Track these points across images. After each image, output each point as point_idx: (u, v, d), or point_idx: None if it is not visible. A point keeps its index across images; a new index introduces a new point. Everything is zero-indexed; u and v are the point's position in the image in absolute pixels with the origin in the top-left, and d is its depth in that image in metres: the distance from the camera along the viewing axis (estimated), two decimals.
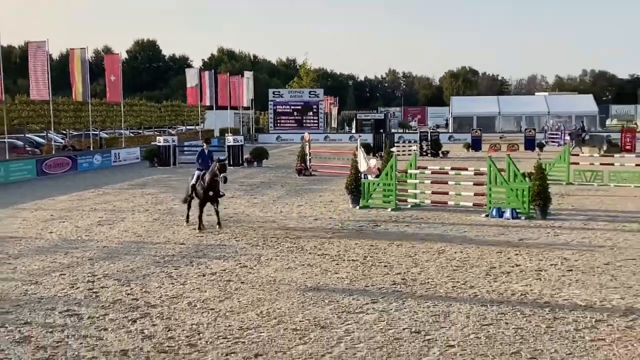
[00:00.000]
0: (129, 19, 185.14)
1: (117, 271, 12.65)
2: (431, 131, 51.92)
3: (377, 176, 21.35)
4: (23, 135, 43.80)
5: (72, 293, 11.13)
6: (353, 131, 70.15)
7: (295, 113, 75.01)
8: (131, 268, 12.90)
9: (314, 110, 75.19)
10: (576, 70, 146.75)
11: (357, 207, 20.56)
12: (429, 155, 45.29)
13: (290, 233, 16.54)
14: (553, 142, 55.64)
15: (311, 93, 77.79)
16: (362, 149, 22.97)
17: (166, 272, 12.51)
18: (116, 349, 8.41)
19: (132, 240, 15.90)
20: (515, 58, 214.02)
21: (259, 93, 77.93)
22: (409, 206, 20.70)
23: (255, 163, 38.57)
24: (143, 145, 45.47)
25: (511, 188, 18.75)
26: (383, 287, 11.27)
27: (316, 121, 74.62)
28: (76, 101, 43.46)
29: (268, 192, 25.52)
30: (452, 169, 22.06)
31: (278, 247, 14.77)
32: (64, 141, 46.90)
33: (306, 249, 14.49)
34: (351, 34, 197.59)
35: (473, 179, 20.47)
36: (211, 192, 16.54)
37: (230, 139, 39.72)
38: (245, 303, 10.40)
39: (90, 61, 44.49)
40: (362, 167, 21.47)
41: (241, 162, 38.27)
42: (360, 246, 14.88)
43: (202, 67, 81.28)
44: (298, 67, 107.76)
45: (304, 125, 71.47)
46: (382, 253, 14.12)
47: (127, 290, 11.27)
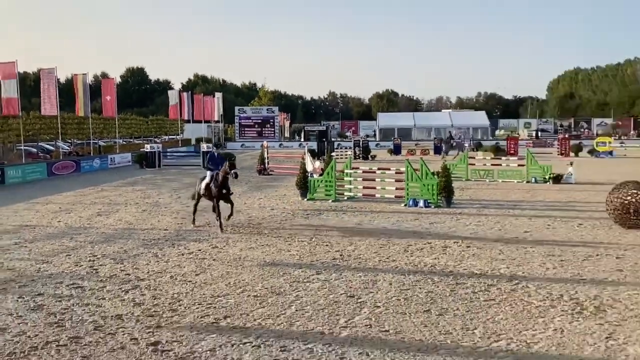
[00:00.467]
0: (123, 50, 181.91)
1: (113, 252, 12.45)
2: (362, 140, 52.22)
3: (321, 175, 21.43)
4: (36, 143, 43.23)
5: (76, 270, 10.92)
6: (302, 140, 70.23)
7: (256, 125, 74.95)
8: (124, 249, 12.71)
9: (271, 123, 75.21)
10: (473, 92, 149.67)
11: (305, 200, 20.55)
12: (361, 158, 45.59)
13: (252, 220, 16.47)
14: (457, 149, 56.37)
15: (268, 110, 77.88)
16: (309, 154, 23.06)
17: (152, 253, 12.34)
18: (112, 314, 8.29)
19: (125, 227, 15.64)
20: (426, 82, 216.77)
21: (227, 110, 77.55)
22: (346, 198, 20.77)
23: None
24: (134, 151, 44.80)
25: (424, 183, 18.97)
26: (325, 262, 11.29)
27: (272, 132, 74.57)
28: (79, 116, 43.12)
29: (234, 188, 25.25)
30: (379, 169, 22.25)
31: (243, 232, 14.70)
32: (70, 148, 46.07)
33: (265, 233, 14.45)
34: (300, 63, 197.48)
35: (394, 177, 20.67)
36: (224, 190, 14.99)
37: (204, 146, 39.69)
38: (216, 276, 10.33)
39: (90, 84, 43.68)
40: (309, 168, 21.54)
41: None
42: (307, 230, 14.89)
43: (181, 89, 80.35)
44: (258, 90, 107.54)
45: (263, 135, 71.38)
46: (325, 235, 14.15)
47: (121, 267, 11.10)
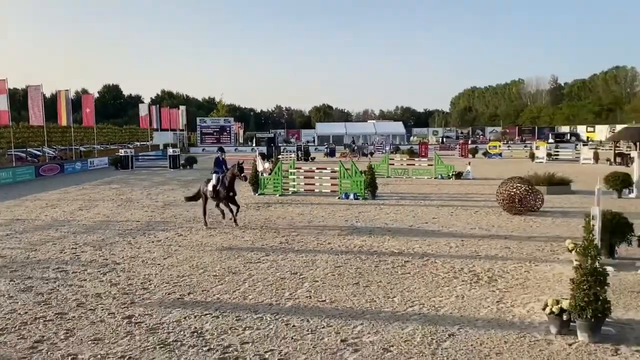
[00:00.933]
0: (100, 69, 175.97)
1: (92, 241, 12.04)
2: (304, 145, 52.29)
3: (269, 174, 21.31)
4: (25, 149, 41.36)
5: (61, 256, 10.51)
6: (254, 145, 69.75)
7: (215, 133, 73.73)
8: (102, 238, 12.31)
9: (227, 131, 74.17)
10: (392, 106, 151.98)
11: (257, 194, 20.38)
12: (303, 160, 45.57)
13: (211, 213, 16.17)
14: (379, 152, 57.03)
15: (225, 120, 76.76)
16: (260, 157, 22.90)
17: (127, 241, 12.01)
18: (92, 293, 8.03)
19: (103, 220, 15.15)
20: (355, 97, 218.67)
21: (190, 120, 76.23)
22: (290, 192, 20.71)
23: (188, 166, 37.63)
24: (110, 155, 43.41)
25: (354, 180, 19.11)
26: (273, 246, 11.24)
27: (229, 138, 73.57)
28: (62, 126, 41.73)
29: (197, 185, 24.64)
30: (317, 169, 22.34)
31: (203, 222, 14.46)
32: (55, 153, 44.25)
33: (223, 223, 14.25)
34: (252, 80, 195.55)
35: (330, 175, 20.79)
36: (231, 193, 13.43)
37: (171, 150, 38.94)
38: (181, 259, 10.13)
39: (72, 99, 42.11)
40: (260, 168, 21.41)
41: (178, 166, 37.31)
42: (258, 219, 14.77)
43: (151, 103, 78.26)
44: (216, 103, 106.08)
45: (221, 141, 70.20)
46: (273, 223, 14.08)
47: (100, 253, 10.76)
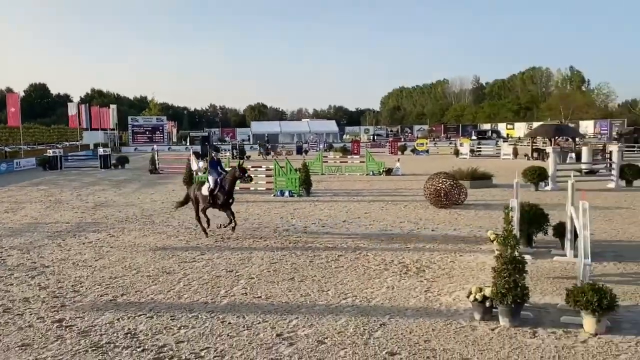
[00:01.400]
0: (26, 67, 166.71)
1: (20, 244, 11.41)
2: (239, 143, 51.77)
3: (204, 173, 20.91)
4: None
5: None
6: (188, 144, 68.35)
7: (147, 132, 71.91)
8: (30, 241, 11.68)
9: (160, 130, 72.47)
10: (325, 105, 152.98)
11: None
12: (238, 158, 45.07)
13: (145, 212, 15.77)
14: (313, 149, 57.32)
15: (158, 119, 75.01)
16: (194, 155, 22.32)
17: (56, 243, 11.45)
18: (20, 297, 7.61)
19: (30, 222, 14.38)
20: (290, 97, 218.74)
21: (122, 119, 73.55)
22: None
23: (119, 166, 36.35)
24: (38, 156, 41.22)
25: (289, 178, 19.13)
26: (208, 244, 11.05)
27: (162, 137, 71.75)
28: None
29: (129, 185, 24.14)
30: (252, 167, 22.11)
31: (136, 222, 14.01)
32: None
33: (156, 222, 13.89)
34: (185, 78, 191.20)
35: (265, 172, 20.66)
36: (231, 199, 11.76)
37: (101, 150, 37.43)
38: (114, 260, 9.78)
39: None
40: (194, 167, 20.83)
41: (109, 166, 35.98)
42: (193, 219, 14.41)
43: (80, 102, 75.00)
44: (148, 102, 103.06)
45: (154, 140, 68.37)
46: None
47: (27, 256, 10.21)
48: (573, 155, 30.69)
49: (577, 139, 39.91)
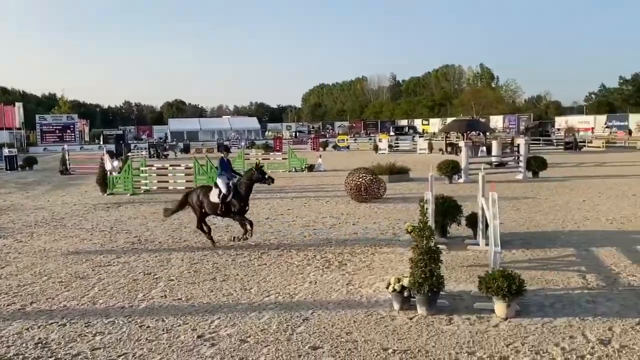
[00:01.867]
0: None
1: None
2: (156, 142, 50.21)
3: (119, 172, 20.11)
4: None
5: None
6: (101, 143, 65.41)
7: (57, 131, 67.88)
8: None
9: (71, 129, 68.64)
10: (246, 101, 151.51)
11: (106, 194, 19.16)
12: (155, 157, 43.72)
13: (55, 215, 14.91)
14: (234, 147, 56.67)
15: (68, 117, 71.02)
16: (108, 155, 21.44)
17: None
18: None
19: None
20: (210, 93, 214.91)
21: (29, 117, 69.15)
22: (142, 191, 19.79)
23: (27, 167, 34.17)
24: None
25: (209, 176, 18.79)
26: (125, 247, 10.63)
27: (73, 137, 68.04)
28: None
29: (38, 188, 22.75)
30: (171, 166, 21.59)
31: (46, 226, 13.22)
32: None
33: (68, 226, 13.17)
34: (97, 74, 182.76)
35: (184, 171, 20.19)
36: (247, 207, 10.38)
37: (6, 151, 34.98)
38: (22, 267, 9.18)
39: None
40: (108, 167, 20.04)
41: (16, 167, 33.73)
42: (108, 220, 13.88)
43: None
44: (58, 99, 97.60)
45: (64, 139, 64.63)
46: (124, 224, 13.32)
47: None
48: (484, 149, 32.24)
49: (488, 134, 41.99)
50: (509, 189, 17.82)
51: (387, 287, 6.68)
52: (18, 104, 63.50)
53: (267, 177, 10.31)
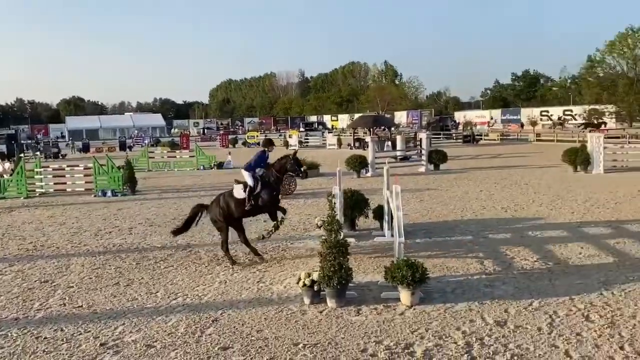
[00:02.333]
0: None
1: None
2: (52, 140, 47.22)
3: (11, 175, 18.71)
4: None
5: None
6: None
7: None
8: None
9: None
10: (150, 98, 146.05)
11: None
12: (52, 157, 41.11)
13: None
14: (138, 145, 54.63)
15: None
16: None
17: None
18: None
19: None
20: (110, 90, 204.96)
21: None
22: (38, 194, 18.53)
23: None
24: None
25: (110, 176, 17.97)
26: (18, 254, 9.91)
27: None
28: None
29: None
30: (68, 166, 20.39)
31: None
32: None
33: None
34: None
35: (83, 172, 19.13)
36: (280, 196, 9.16)
37: None
38: None
39: None
40: None
41: None
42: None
43: None
44: None
45: None
46: (17, 229, 12.41)
47: None
48: (389, 143, 33.31)
49: (393, 129, 43.46)
50: (413, 182, 18.54)
51: (298, 282, 6.72)
52: None
53: (301, 169, 9.25)
